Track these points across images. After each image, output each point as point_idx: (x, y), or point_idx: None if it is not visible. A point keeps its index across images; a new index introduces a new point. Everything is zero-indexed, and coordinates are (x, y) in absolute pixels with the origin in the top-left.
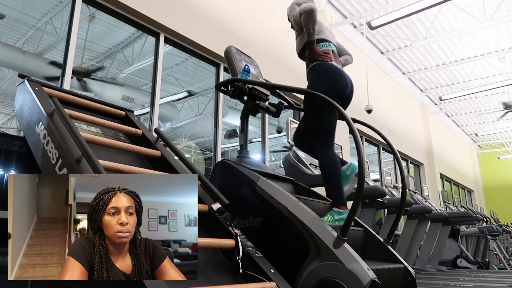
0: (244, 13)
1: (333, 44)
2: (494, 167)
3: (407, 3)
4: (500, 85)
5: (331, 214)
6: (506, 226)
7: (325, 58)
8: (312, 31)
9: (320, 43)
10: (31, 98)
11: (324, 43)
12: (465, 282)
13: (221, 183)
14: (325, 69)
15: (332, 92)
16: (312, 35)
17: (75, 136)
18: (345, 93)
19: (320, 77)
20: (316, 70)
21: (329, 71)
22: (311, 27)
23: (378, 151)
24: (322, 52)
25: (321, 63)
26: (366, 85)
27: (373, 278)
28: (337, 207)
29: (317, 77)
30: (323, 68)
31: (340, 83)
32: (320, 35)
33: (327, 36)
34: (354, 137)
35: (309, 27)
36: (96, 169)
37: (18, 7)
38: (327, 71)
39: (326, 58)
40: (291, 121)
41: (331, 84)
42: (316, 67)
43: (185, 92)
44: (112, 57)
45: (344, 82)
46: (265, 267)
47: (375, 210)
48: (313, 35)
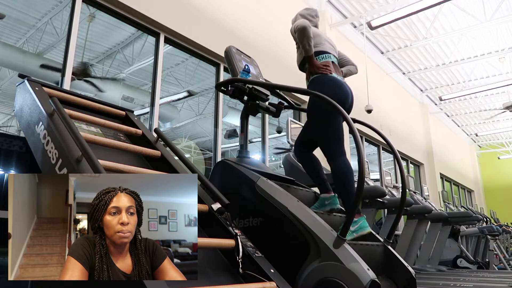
0: (244, 13)
1: (332, 55)
2: (494, 167)
3: (407, 3)
4: (500, 85)
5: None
6: (506, 226)
7: (324, 71)
8: (308, 47)
9: (319, 55)
10: (31, 98)
11: (323, 55)
12: (465, 282)
13: (221, 183)
14: (325, 82)
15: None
16: (309, 51)
17: (75, 136)
18: (346, 105)
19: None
20: (315, 83)
21: (329, 83)
22: (306, 44)
23: (378, 151)
24: (322, 65)
25: (321, 76)
26: (366, 85)
27: (373, 278)
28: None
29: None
30: (322, 81)
31: (340, 95)
32: (319, 47)
33: (326, 48)
34: (354, 137)
35: (305, 44)
36: (96, 169)
37: (18, 7)
38: (327, 84)
39: (325, 71)
40: (291, 121)
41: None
42: (315, 80)
43: (185, 92)
44: (112, 57)
45: (345, 93)
46: (265, 267)
47: (375, 210)
48: (309, 51)
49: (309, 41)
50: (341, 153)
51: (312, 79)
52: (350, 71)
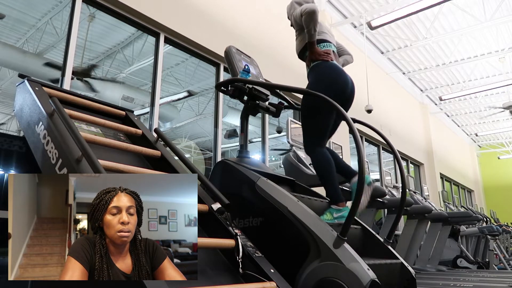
0: (244, 13)
1: (333, 44)
2: (494, 167)
3: (407, 3)
4: (500, 85)
5: (329, 212)
6: (506, 226)
7: (326, 57)
8: (313, 32)
9: (320, 43)
10: (31, 98)
11: (324, 43)
12: (465, 282)
13: (221, 183)
14: (326, 68)
15: (332, 91)
16: (313, 36)
17: (75, 136)
18: (346, 92)
19: (320, 77)
20: (316, 69)
21: (330, 70)
22: (312, 29)
23: (378, 151)
24: (323, 52)
25: (321, 63)
26: (366, 85)
27: (373, 278)
28: (336, 204)
29: (318, 76)
30: (323, 67)
31: (340, 82)
32: (321, 36)
33: (327, 36)
34: (354, 137)
35: (311, 28)
36: (96, 169)
37: (18, 7)
38: (327, 71)
39: (327, 58)
40: (291, 121)
41: (331, 83)
42: (316, 67)
43: (185, 92)
44: (112, 57)
45: (345, 81)
46: (265, 267)
47: (375, 210)
48: (314, 36)
49: (316, 26)
50: (321, 145)
51: (312, 66)
52: (347, 61)
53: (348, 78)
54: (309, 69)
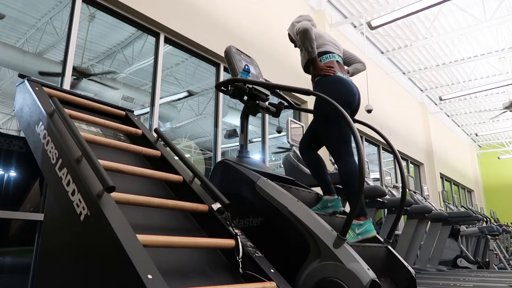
0: (244, 13)
1: (337, 54)
2: (494, 167)
3: (407, 3)
4: (500, 85)
5: (351, 228)
6: (506, 226)
7: (328, 72)
8: (310, 49)
9: (322, 55)
10: (31, 98)
11: (327, 55)
12: (465, 282)
13: (221, 183)
14: (328, 83)
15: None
16: (312, 53)
17: (75, 136)
18: (352, 103)
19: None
20: (320, 84)
21: (334, 83)
22: (308, 46)
23: (378, 151)
24: (325, 66)
25: (323, 77)
26: (366, 85)
27: (373, 278)
28: (357, 219)
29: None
30: (325, 82)
31: (346, 94)
32: (322, 48)
33: (330, 47)
34: (354, 137)
35: (307, 46)
36: (96, 169)
37: (18, 7)
38: (332, 85)
39: (329, 72)
40: (291, 121)
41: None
42: (320, 82)
43: (185, 92)
44: (112, 57)
45: (351, 92)
46: (265, 267)
47: (375, 210)
48: (312, 53)
49: (311, 43)
50: (349, 153)
51: (316, 81)
52: (357, 69)
53: (354, 89)
54: (314, 83)
